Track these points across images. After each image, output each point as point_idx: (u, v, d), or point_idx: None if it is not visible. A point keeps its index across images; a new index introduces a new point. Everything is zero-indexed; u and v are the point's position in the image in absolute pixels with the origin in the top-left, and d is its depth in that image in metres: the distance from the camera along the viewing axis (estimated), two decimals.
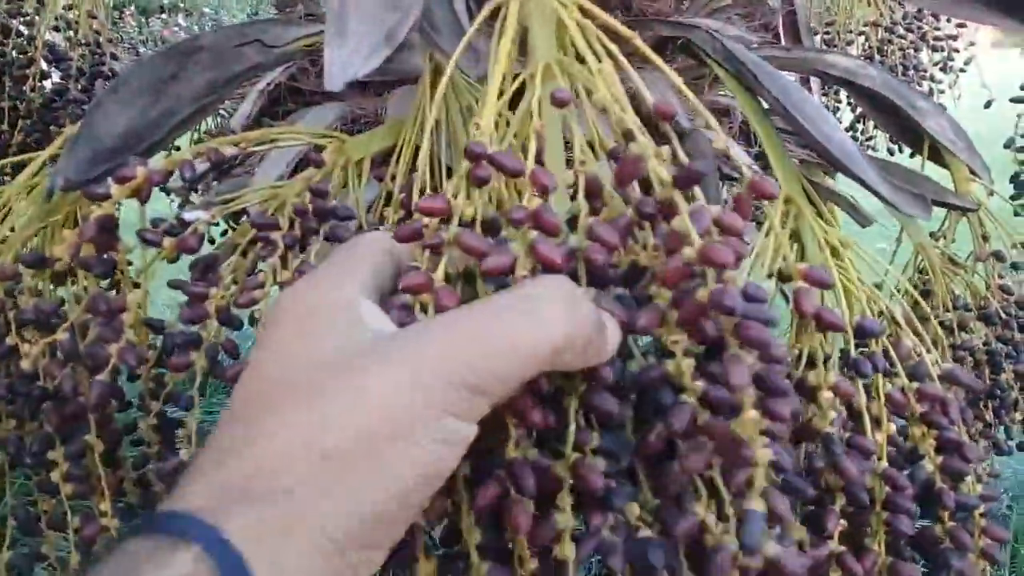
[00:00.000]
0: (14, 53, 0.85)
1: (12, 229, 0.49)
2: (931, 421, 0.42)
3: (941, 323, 0.69)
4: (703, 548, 0.29)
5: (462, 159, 0.31)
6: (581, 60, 0.36)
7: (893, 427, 0.42)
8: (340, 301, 0.27)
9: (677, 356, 0.29)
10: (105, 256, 0.41)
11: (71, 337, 0.41)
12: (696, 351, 0.30)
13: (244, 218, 0.49)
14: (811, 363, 0.44)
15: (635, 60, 0.73)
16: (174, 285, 0.46)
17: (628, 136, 0.31)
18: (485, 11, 0.37)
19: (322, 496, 0.24)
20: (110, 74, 0.88)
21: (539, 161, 0.32)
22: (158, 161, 0.42)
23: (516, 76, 0.37)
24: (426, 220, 0.30)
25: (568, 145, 0.37)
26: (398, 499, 0.24)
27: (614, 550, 0.29)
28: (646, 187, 0.32)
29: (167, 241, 0.41)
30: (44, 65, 0.85)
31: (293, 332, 0.27)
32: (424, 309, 0.29)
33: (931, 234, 0.77)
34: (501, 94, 0.35)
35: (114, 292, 0.48)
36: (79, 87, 0.86)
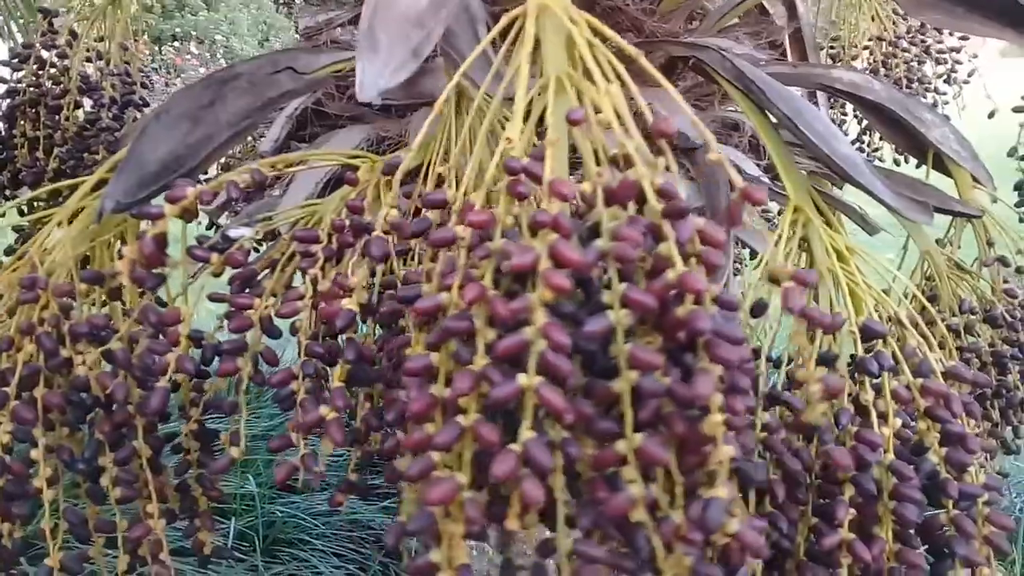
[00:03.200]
0: (48, 84, 0.88)
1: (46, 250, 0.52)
2: (935, 415, 0.44)
3: (948, 327, 0.71)
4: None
5: (495, 172, 0.34)
6: (589, 77, 0.39)
7: (899, 422, 0.44)
8: None
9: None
10: (156, 271, 0.44)
11: (124, 348, 0.44)
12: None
13: (272, 239, 0.53)
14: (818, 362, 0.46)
15: (642, 79, 0.76)
16: (215, 298, 0.49)
17: (627, 160, 0.34)
18: (502, 22, 0.40)
19: None
20: (141, 103, 0.91)
21: None
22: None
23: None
24: (459, 230, 0.33)
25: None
26: None
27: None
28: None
29: (214, 257, 0.44)
30: (77, 95, 0.89)
31: None
32: None
33: (937, 241, 0.79)
34: (527, 112, 0.38)
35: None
36: (111, 115, 0.89)
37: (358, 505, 1.47)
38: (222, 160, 0.96)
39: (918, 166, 0.79)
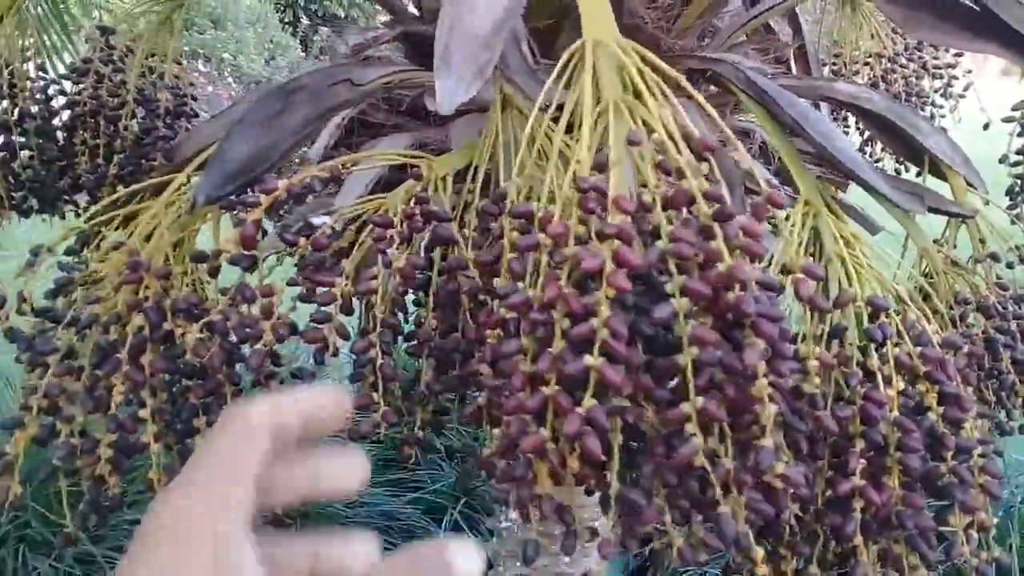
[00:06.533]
0: (107, 96, 0.95)
1: (148, 237, 0.59)
2: (933, 378, 0.50)
3: (945, 316, 0.77)
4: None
5: (563, 184, 0.41)
6: (642, 100, 0.46)
7: (902, 384, 0.51)
8: (213, 535, 0.28)
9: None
10: (249, 253, 0.50)
11: (222, 320, 0.50)
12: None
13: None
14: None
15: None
16: (294, 281, 0.55)
17: (680, 173, 0.41)
18: (564, 57, 0.47)
19: None
20: (192, 113, 0.98)
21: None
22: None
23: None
24: (542, 237, 0.40)
25: None
26: None
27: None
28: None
29: (301, 240, 0.50)
30: (134, 106, 0.95)
31: (166, 556, 0.28)
32: None
33: (934, 241, 0.85)
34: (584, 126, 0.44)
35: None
36: (164, 125, 0.96)
37: (386, 499, 1.54)
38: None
39: (918, 175, 0.86)
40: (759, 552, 0.42)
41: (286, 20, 10.54)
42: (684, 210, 0.42)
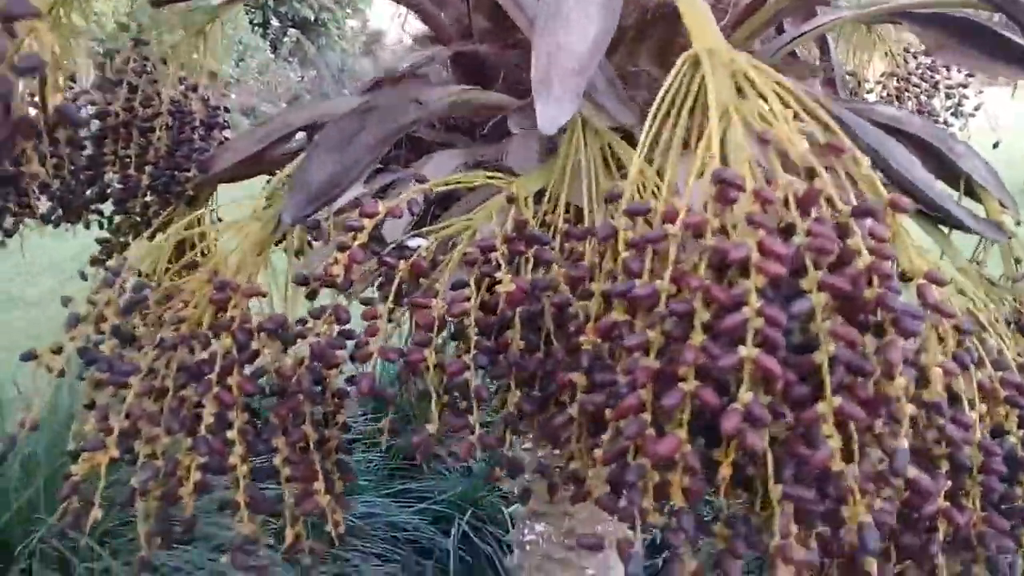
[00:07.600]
0: (139, 107, 0.94)
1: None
2: (1014, 402, 0.52)
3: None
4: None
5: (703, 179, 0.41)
6: (765, 102, 0.46)
7: (984, 408, 0.52)
8: None
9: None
10: (351, 277, 0.50)
11: (318, 342, 0.50)
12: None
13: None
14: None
15: None
16: (366, 301, 0.55)
17: (811, 172, 0.41)
18: (680, 60, 0.47)
19: None
20: (226, 124, 0.98)
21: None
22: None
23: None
24: (669, 228, 0.40)
25: None
26: None
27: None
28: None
29: (401, 263, 0.50)
30: (168, 118, 0.94)
31: None
32: None
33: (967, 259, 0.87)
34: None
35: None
36: (198, 136, 0.95)
37: (395, 509, 1.54)
38: None
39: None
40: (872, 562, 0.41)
41: (256, 22, 10.48)
42: (813, 211, 0.41)
